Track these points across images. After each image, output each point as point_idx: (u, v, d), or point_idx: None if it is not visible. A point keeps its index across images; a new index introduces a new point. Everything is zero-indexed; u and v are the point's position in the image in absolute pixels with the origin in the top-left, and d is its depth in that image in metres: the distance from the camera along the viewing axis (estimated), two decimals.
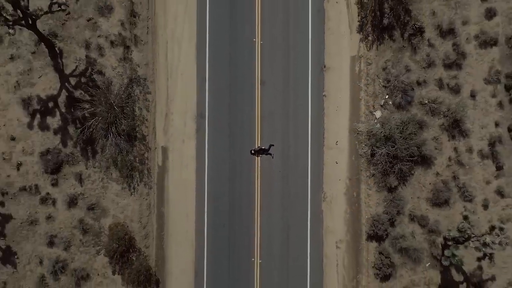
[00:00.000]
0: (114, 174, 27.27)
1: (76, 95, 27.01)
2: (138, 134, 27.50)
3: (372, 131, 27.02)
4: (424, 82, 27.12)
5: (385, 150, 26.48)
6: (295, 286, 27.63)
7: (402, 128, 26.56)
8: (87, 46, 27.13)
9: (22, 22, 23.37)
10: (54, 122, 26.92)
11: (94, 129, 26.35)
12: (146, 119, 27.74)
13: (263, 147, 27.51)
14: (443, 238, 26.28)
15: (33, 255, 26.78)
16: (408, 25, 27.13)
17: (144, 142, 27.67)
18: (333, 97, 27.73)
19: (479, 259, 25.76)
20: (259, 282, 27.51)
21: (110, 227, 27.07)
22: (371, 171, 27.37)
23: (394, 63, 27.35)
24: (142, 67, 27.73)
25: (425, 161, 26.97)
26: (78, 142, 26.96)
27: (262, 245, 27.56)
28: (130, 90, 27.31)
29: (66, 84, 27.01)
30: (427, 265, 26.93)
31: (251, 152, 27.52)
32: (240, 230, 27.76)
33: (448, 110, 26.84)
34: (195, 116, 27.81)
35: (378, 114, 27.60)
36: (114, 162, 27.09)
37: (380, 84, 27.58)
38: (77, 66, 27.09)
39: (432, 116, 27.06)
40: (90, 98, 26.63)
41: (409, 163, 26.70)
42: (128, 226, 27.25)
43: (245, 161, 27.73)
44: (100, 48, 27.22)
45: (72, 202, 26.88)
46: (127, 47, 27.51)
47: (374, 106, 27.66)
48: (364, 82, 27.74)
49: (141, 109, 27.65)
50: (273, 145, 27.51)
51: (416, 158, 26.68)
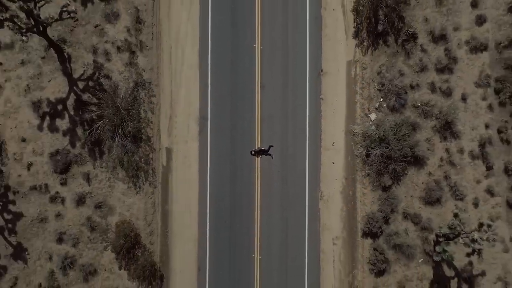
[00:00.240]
0: (121, 174, 27.25)
1: (84, 98, 26.98)
2: (143, 135, 27.45)
3: (367, 133, 27.01)
4: (417, 85, 27.17)
5: (379, 151, 26.48)
6: (294, 280, 27.47)
7: (396, 129, 26.58)
8: (95, 51, 27.11)
9: (34, 29, 23.26)
10: (63, 124, 26.92)
11: (101, 130, 26.29)
12: (151, 121, 27.70)
13: (263, 148, 27.48)
14: (435, 235, 26.32)
15: (43, 251, 26.75)
16: (401, 31, 27.14)
17: (149, 143, 27.66)
18: (330, 100, 27.70)
19: (468, 255, 25.53)
20: (259, 276, 27.43)
21: (116, 225, 27.03)
22: (366, 171, 27.36)
23: (388, 68, 27.36)
24: (147, 72, 27.68)
25: (418, 161, 26.95)
26: (86, 143, 26.87)
27: (262, 241, 27.43)
28: (136, 94, 27.28)
29: (75, 87, 27.05)
30: (420, 261, 26.93)
31: (251, 152, 27.49)
32: (240, 227, 27.62)
33: (440, 112, 26.87)
34: (198, 118, 27.73)
35: (373, 116, 27.57)
36: (121, 162, 27.05)
37: (375, 87, 27.55)
38: (85, 71, 27.11)
39: (424, 118, 27.08)
40: (97, 101, 26.62)
41: (402, 163, 26.67)
42: (134, 224, 27.17)
43: (245, 161, 27.64)
44: (107, 53, 27.20)
45: (80, 201, 26.89)
46: (133, 52, 27.49)
47: (369, 109, 27.63)
48: (359, 86, 27.72)
49: (146, 111, 27.61)
50: (272, 146, 27.52)
51: (409, 158, 26.64)
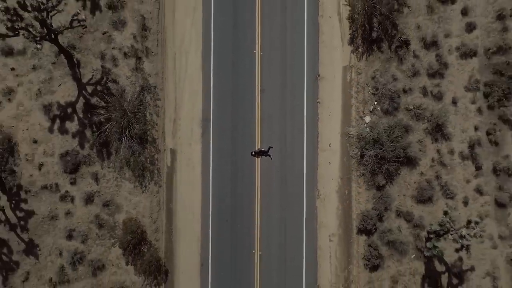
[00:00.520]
0: (127, 174, 27.82)
1: (92, 102, 27.58)
2: (149, 137, 28.02)
3: (362, 135, 27.53)
4: (409, 89, 27.67)
5: (373, 152, 27.06)
6: (292, 275, 27.84)
7: (389, 131, 27.16)
8: (103, 57, 27.76)
9: (47, 37, 24.11)
10: (72, 126, 27.51)
11: (109, 132, 26.97)
12: (156, 124, 28.27)
13: (263, 149, 27.94)
14: (426, 232, 26.67)
15: (53, 247, 27.30)
16: (395, 38, 27.68)
17: (154, 145, 28.22)
18: (326, 103, 28.23)
19: (457, 250, 25.78)
20: (259, 272, 27.88)
21: (123, 222, 27.59)
22: (361, 171, 27.87)
23: (382, 73, 27.88)
24: (153, 76, 28.25)
25: (410, 162, 27.48)
26: (94, 144, 27.41)
27: (262, 238, 27.90)
28: (142, 97, 27.85)
29: (83, 91, 27.64)
30: (412, 256, 27.43)
31: (252, 153, 28.00)
32: (241, 226, 28.07)
33: (431, 115, 27.41)
34: (201, 121, 28.28)
35: (367, 119, 28.03)
36: (127, 163, 27.65)
37: (369, 91, 28.06)
38: (93, 75, 27.70)
39: (416, 121, 27.59)
40: (105, 105, 27.23)
41: (395, 164, 27.24)
42: (140, 221, 27.70)
43: (246, 162, 28.13)
44: (114, 59, 27.82)
45: (89, 199, 27.45)
46: (139, 58, 28.09)
47: (364, 112, 28.12)
48: (354, 90, 28.22)
49: (151, 114, 28.19)
50: (271, 147, 28.02)
51: (402, 159, 27.19)
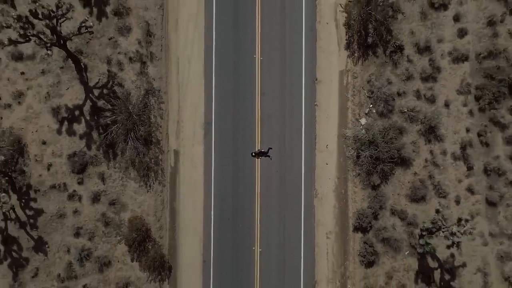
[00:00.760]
0: (133, 174, 28.27)
1: (99, 105, 28.07)
2: (153, 139, 28.50)
3: (358, 136, 28.01)
4: (403, 93, 28.15)
5: (369, 153, 27.55)
6: (290, 271, 28.30)
7: (384, 133, 27.63)
8: (109, 61, 28.26)
9: (56, 43, 24.84)
10: (80, 128, 27.98)
11: (115, 134, 27.51)
12: (160, 126, 28.75)
13: (263, 150, 28.41)
14: (420, 229, 27.12)
15: (61, 245, 27.77)
16: (389, 43, 28.17)
17: (158, 146, 28.71)
18: (323, 106, 28.70)
19: (449, 247, 26.18)
20: (259, 268, 28.36)
21: (129, 220, 28.12)
22: (357, 171, 28.33)
23: (377, 77, 28.33)
24: (157, 80, 28.73)
25: (404, 162, 27.97)
26: (101, 145, 27.93)
27: (262, 235, 28.38)
28: (147, 100, 28.33)
29: (90, 95, 28.12)
30: (406, 253, 27.90)
31: (252, 154, 28.46)
32: (242, 224, 28.53)
33: (424, 117, 27.87)
34: (203, 123, 28.76)
35: (363, 121, 28.47)
36: (133, 163, 28.13)
37: (365, 95, 28.52)
38: (100, 79, 28.20)
39: (410, 123, 28.07)
40: (111, 108, 27.76)
41: (390, 164, 27.75)
42: (144, 219, 28.23)
43: (247, 162, 28.58)
44: (120, 63, 28.32)
45: (95, 198, 27.95)
46: (144, 63, 28.58)
47: (359, 114, 28.57)
48: (351, 93, 28.67)
49: (156, 117, 28.68)
50: (271, 148, 28.48)
51: (396, 159, 27.70)
